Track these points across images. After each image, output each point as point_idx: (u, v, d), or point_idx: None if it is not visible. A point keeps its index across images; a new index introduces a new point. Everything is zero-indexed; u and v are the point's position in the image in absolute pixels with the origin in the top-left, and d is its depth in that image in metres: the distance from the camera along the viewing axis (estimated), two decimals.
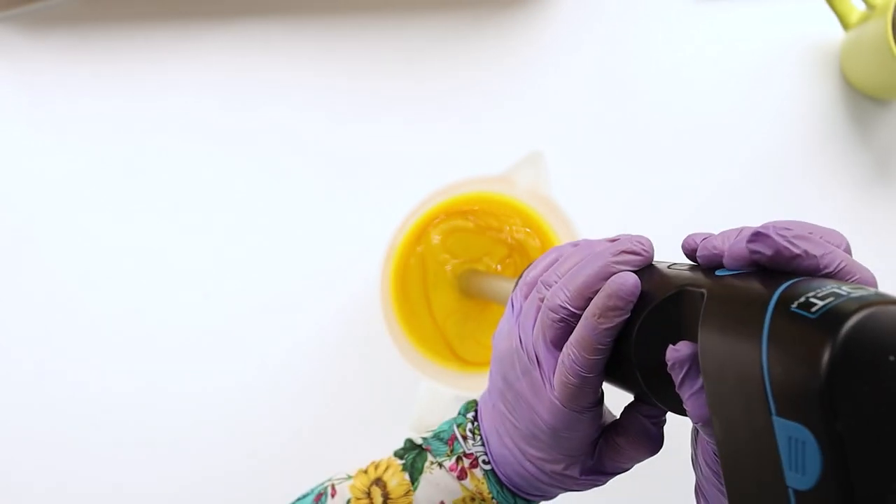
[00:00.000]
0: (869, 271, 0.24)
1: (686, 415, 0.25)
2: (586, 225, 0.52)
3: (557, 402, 0.29)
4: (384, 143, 0.62)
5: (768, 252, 0.23)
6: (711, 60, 0.62)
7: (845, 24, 0.59)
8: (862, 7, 0.58)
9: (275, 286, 0.61)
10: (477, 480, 0.34)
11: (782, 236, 0.23)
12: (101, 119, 0.63)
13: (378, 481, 0.35)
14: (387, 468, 0.35)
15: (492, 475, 0.34)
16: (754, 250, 0.23)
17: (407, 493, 0.34)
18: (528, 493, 0.34)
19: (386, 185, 0.61)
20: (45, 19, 0.63)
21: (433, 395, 0.49)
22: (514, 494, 0.34)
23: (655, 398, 0.27)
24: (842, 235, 0.25)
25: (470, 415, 0.35)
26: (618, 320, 0.27)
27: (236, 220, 0.62)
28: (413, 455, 0.35)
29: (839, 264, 0.23)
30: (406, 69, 0.63)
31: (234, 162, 0.62)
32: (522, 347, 0.31)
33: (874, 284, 0.24)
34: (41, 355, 0.61)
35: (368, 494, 0.35)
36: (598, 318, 0.27)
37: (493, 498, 0.34)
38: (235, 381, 0.61)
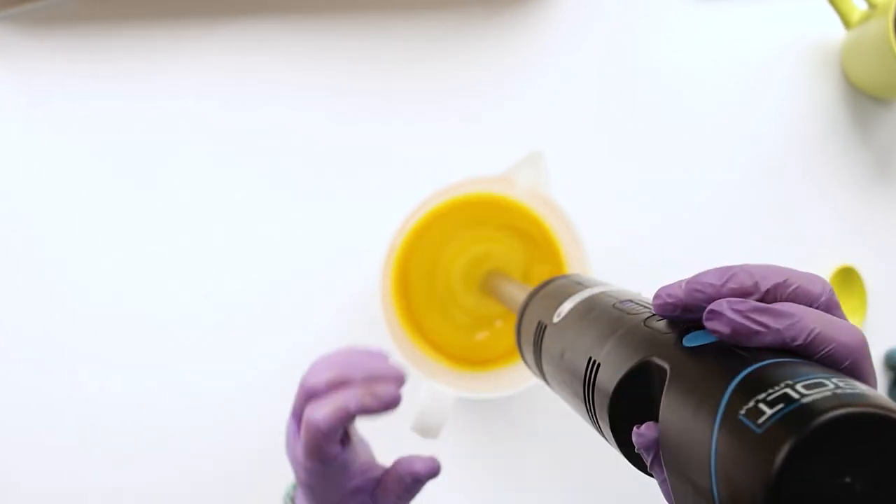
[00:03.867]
0: (852, 331, 0.21)
1: None
2: (586, 225, 0.52)
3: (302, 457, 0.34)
4: (384, 143, 0.62)
5: (726, 330, 0.21)
6: (711, 60, 0.62)
7: (847, 24, 0.59)
8: (863, 6, 0.58)
9: (275, 287, 0.61)
10: None
11: (738, 311, 0.21)
12: (100, 119, 0.63)
13: None
14: None
15: None
16: (712, 329, 0.22)
17: None
18: None
19: (386, 185, 0.61)
20: (44, 19, 0.63)
21: (434, 396, 0.49)
22: None
23: (637, 467, 0.26)
24: (822, 281, 0.22)
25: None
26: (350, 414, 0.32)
27: (236, 220, 0.62)
28: None
29: (809, 335, 0.20)
30: (406, 69, 0.62)
31: (233, 162, 0.62)
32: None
33: (858, 345, 0.21)
34: (40, 356, 0.61)
35: None
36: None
37: None
38: (236, 382, 0.61)
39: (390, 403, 0.32)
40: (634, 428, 0.23)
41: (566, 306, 0.31)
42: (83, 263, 0.62)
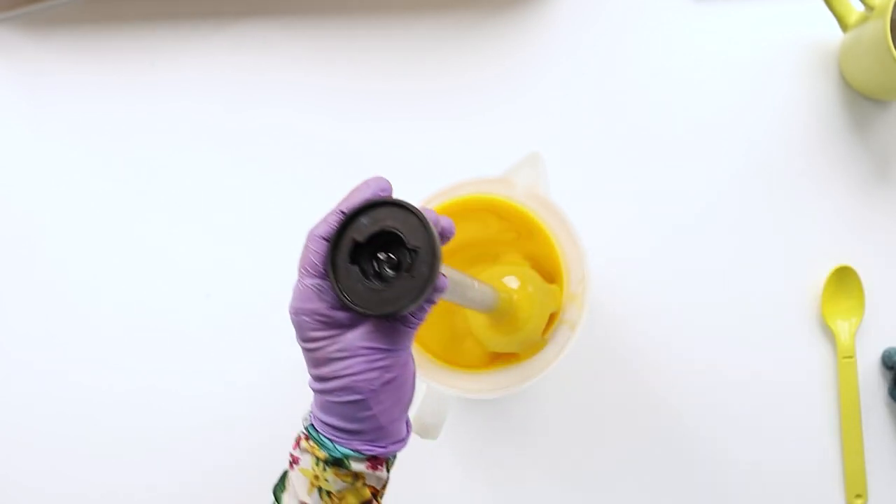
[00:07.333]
0: None
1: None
2: (585, 225, 0.52)
3: (300, 279, 0.36)
4: (384, 143, 0.62)
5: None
6: (710, 61, 0.63)
7: (844, 26, 0.60)
8: (860, 8, 0.59)
9: (276, 287, 0.61)
10: (309, 445, 0.36)
11: None
12: (104, 120, 0.63)
13: None
14: None
15: (311, 428, 0.37)
16: None
17: None
18: (348, 436, 0.36)
19: None
20: (47, 20, 0.63)
21: (433, 395, 0.49)
22: (333, 442, 0.36)
23: None
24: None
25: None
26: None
27: (238, 220, 0.62)
28: (277, 484, 0.39)
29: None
30: (406, 70, 0.63)
31: (235, 162, 0.63)
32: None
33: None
34: (43, 356, 0.62)
35: None
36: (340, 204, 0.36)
37: (322, 449, 0.36)
38: (237, 382, 0.61)
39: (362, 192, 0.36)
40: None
41: None
42: (85, 264, 0.62)
